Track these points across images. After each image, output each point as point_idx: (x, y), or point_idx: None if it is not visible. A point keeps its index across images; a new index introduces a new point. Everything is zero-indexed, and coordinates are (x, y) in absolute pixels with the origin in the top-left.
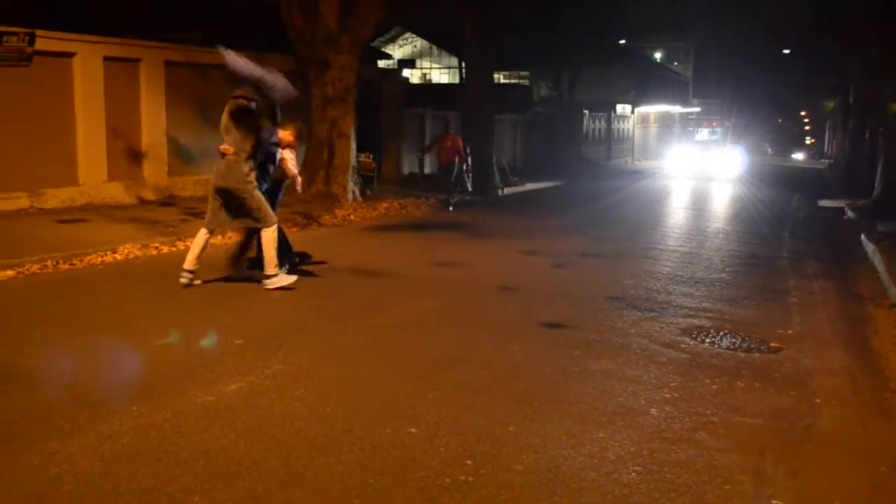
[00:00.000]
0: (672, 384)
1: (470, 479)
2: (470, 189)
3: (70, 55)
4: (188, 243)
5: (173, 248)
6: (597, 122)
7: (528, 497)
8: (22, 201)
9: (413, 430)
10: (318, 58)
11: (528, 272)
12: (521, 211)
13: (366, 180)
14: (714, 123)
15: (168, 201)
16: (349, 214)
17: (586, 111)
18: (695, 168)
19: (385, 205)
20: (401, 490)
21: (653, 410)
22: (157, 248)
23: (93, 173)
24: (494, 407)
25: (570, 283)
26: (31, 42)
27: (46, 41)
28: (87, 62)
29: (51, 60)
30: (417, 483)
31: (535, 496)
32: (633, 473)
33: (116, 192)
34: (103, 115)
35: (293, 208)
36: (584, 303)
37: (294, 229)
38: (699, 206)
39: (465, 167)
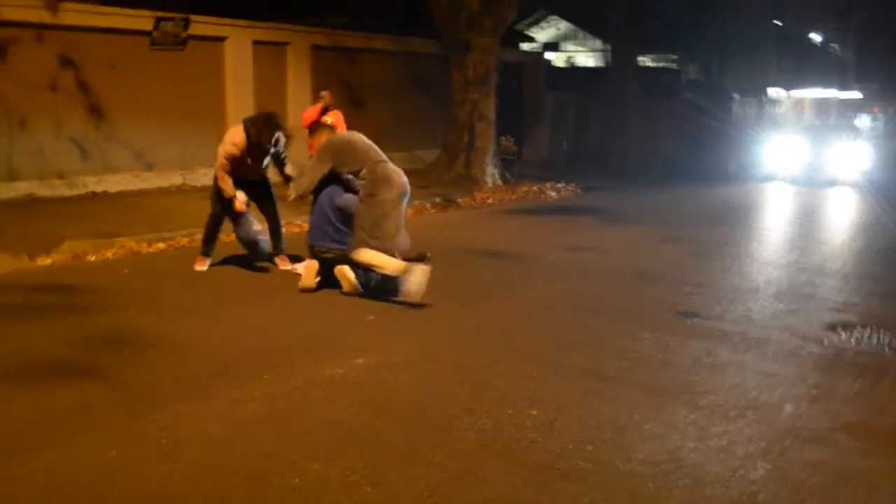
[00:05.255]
0: (810, 380)
1: (588, 465)
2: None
3: (222, 39)
4: None
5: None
6: (747, 108)
7: (649, 486)
8: (175, 178)
9: (534, 412)
10: (459, 40)
11: (667, 260)
12: (663, 197)
13: (506, 164)
14: (877, 109)
15: None
16: (487, 198)
17: (735, 96)
18: (803, 167)
19: (524, 188)
20: (518, 471)
21: (788, 406)
22: (299, 225)
23: None
24: (619, 394)
25: (711, 273)
26: (186, 27)
27: (200, 26)
28: (238, 46)
29: (203, 44)
30: (535, 466)
31: (656, 486)
32: (762, 470)
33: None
34: (252, 96)
35: (432, 190)
36: (723, 293)
37: (433, 210)
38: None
39: None
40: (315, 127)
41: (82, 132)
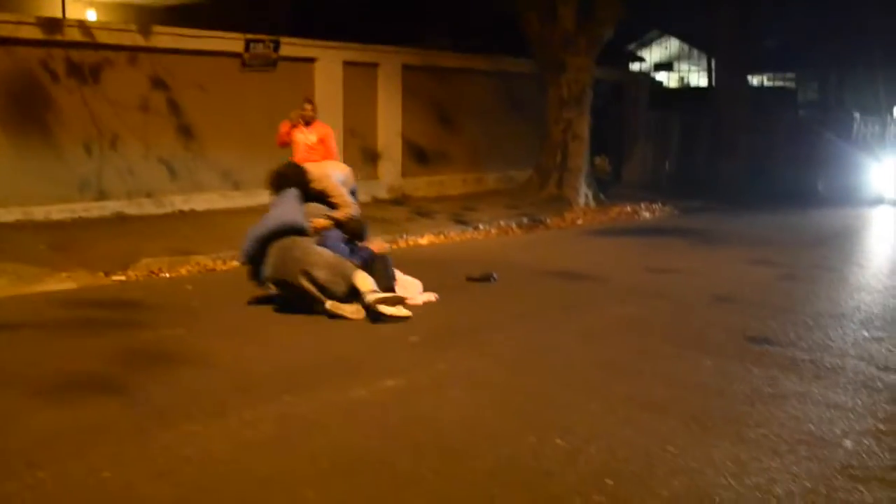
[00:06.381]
0: (880, 414)
1: (604, 499)
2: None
3: (312, 60)
4: (409, 241)
5: (393, 246)
6: (869, 127)
7: None
8: (262, 198)
9: (559, 441)
10: (554, 60)
11: (751, 283)
12: (765, 220)
13: (601, 184)
14: None
15: (400, 200)
16: (577, 218)
17: (857, 114)
18: None
19: (618, 209)
20: None
21: (847, 442)
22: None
23: None
24: (659, 425)
25: (795, 297)
26: (276, 48)
27: (290, 47)
28: (327, 67)
29: (294, 65)
30: (545, 499)
31: None
32: None
33: None
34: (341, 117)
35: (521, 210)
36: (803, 318)
37: (518, 231)
38: None
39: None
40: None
41: (171, 152)
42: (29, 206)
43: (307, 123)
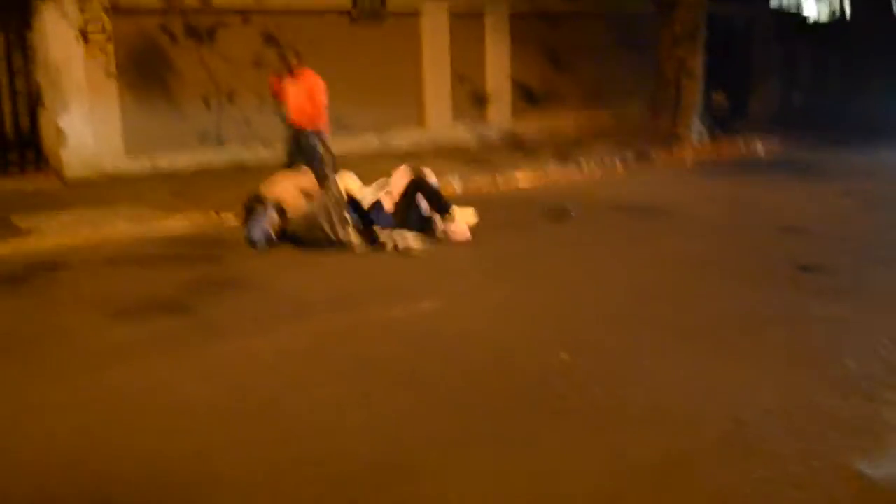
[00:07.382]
0: None
1: (559, 404)
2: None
3: (417, 13)
4: (507, 180)
5: (491, 186)
6: None
7: (619, 430)
8: (371, 142)
9: (565, 356)
10: None
11: (829, 215)
12: (886, 155)
13: (719, 120)
14: None
15: (509, 141)
16: (686, 154)
17: None
18: None
19: (731, 145)
20: (508, 406)
21: (851, 362)
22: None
23: (437, 116)
24: (674, 347)
25: (867, 227)
26: (383, 3)
27: (396, 1)
28: (433, 19)
29: (400, 18)
30: (531, 402)
31: (630, 432)
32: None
33: (459, 134)
34: (448, 64)
35: (631, 147)
36: (866, 249)
37: (622, 168)
38: None
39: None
40: None
41: None
42: (155, 156)
43: (293, 74)
